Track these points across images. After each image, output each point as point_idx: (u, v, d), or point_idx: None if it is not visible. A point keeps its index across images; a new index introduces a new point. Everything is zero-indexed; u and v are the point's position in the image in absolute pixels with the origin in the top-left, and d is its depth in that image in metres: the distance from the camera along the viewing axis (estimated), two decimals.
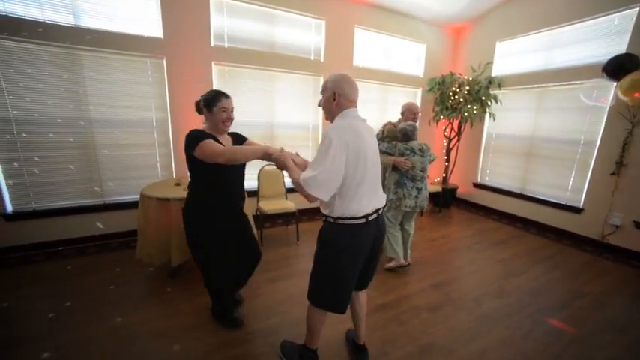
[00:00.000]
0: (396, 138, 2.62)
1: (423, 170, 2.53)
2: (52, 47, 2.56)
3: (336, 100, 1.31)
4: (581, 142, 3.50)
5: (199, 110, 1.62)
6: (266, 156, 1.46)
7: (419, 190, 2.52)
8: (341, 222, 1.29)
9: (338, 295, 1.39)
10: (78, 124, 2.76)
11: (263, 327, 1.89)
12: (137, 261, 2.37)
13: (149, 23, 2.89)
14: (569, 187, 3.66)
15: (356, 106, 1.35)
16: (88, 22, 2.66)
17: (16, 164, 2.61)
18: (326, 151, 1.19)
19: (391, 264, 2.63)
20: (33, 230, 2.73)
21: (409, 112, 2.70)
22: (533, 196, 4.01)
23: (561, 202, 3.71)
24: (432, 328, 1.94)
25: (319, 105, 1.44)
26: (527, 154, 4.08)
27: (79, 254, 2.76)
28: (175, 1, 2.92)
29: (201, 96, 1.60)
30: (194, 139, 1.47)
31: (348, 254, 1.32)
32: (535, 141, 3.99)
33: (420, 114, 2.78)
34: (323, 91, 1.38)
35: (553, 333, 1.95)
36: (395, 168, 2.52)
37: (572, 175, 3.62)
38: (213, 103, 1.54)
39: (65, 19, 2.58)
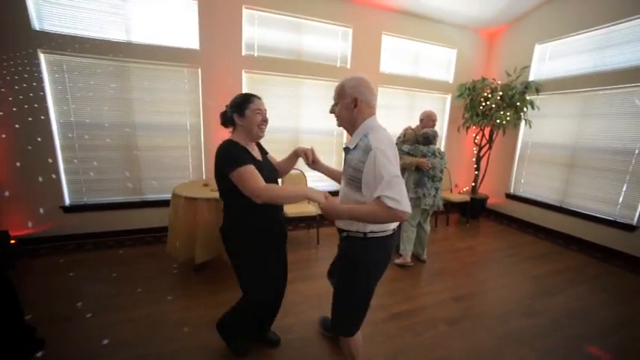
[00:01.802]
0: (416, 142, 2.87)
1: (442, 172, 2.77)
2: (108, 60, 2.90)
3: (357, 106, 1.20)
4: (636, 152, 3.15)
5: (226, 121, 1.44)
6: (309, 199, 1.31)
7: (436, 189, 2.75)
8: (372, 235, 1.19)
9: (365, 313, 1.32)
10: (124, 129, 3.08)
11: (278, 326, 1.93)
12: (167, 255, 2.57)
13: (188, 36, 3.16)
14: (620, 201, 3.30)
15: (375, 113, 1.25)
16: (138, 38, 2.98)
17: (74, 162, 2.97)
18: (387, 160, 1.08)
19: (399, 260, 2.82)
20: (84, 222, 3.07)
21: (428, 119, 2.87)
22: (575, 209, 3.67)
23: (610, 218, 3.35)
24: (448, 343, 1.86)
25: (332, 112, 1.31)
26: (569, 165, 3.76)
27: (119, 246, 3.05)
28: (211, 15, 3.16)
29: (229, 104, 1.43)
30: (232, 158, 1.27)
31: (378, 269, 1.25)
32: (578, 150, 3.67)
33: (436, 121, 2.92)
34: (339, 97, 1.24)
35: None
36: (417, 168, 2.71)
37: (624, 188, 3.26)
38: (245, 105, 1.37)
39: (119, 35, 2.92)
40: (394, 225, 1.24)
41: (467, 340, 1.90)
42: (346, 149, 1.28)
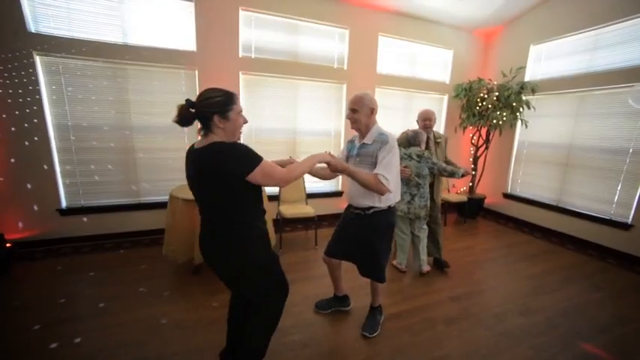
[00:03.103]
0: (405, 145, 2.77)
1: (418, 176, 2.51)
2: (105, 63, 2.90)
3: (373, 114, 1.69)
4: (630, 151, 3.18)
5: (190, 119, 1.16)
6: (322, 162, 1.43)
7: (412, 195, 2.55)
8: (392, 206, 1.76)
9: None
10: (121, 131, 3.07)
11: (277, 327, 1.94)
12: (165, 257, 2.56)
13: (185, 38, 3.16)
14: (615, 200, 3.33)
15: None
16: (134, 40, 2.98)
17: (71, 164, 2.96)
18: (394, 155, 1.61)
19: (395, 262, 2.82)
20: (81, 224, 3.06)
21: (420, 118, 2.85)
22: (571, 208, 3.70)
23: (606, 217, 3.38)
24: (446, 342, 1.87)
25: (348, 118, 1.71)
26: (565, 164, 3.79)
27: (117, 248, 3.05)
28: (208, 17, 3.16)
29: (203, 103, 1.16)
30: (250, 156, 1.12)
31: (394, 227, 1.86)
32: (573, 150, 3.70)
33: (430, 120, 2.76)
34: (359, 107, 1.66)
35: (586, 359, 1.78)
36: None
37: (619, 187, 3.29)
38: (230, 107, 1.17)
39: (116, 38, 2.92)
40: (397, 198, 1.77)
41: (464, 339, 1.91)
42: (364, 144, 1.71)
